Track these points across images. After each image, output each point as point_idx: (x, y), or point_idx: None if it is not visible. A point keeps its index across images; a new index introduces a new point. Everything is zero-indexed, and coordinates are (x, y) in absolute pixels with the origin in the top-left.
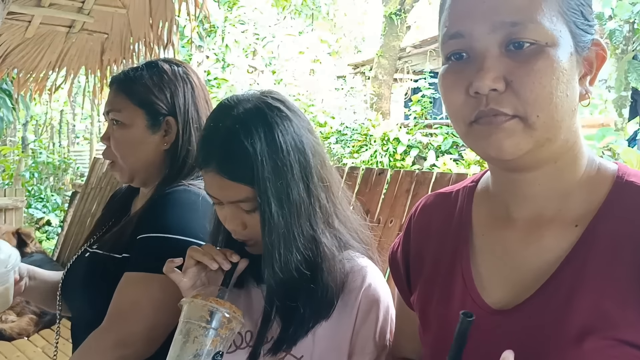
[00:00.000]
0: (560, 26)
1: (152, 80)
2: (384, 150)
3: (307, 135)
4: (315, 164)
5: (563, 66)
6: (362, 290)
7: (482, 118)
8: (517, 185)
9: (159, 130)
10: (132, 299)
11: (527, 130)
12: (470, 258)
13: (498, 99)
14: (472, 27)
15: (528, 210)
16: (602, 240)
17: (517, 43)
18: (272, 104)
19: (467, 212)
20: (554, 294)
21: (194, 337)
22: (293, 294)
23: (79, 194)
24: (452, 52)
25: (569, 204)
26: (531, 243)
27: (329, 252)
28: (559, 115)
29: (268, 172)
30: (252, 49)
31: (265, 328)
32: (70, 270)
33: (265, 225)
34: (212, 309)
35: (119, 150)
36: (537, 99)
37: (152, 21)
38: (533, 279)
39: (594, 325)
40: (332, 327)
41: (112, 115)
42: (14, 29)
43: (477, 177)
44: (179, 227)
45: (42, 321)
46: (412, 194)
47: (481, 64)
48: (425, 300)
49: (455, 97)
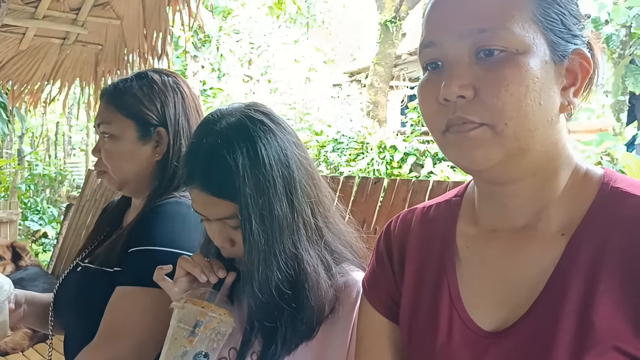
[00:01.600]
0: (534, 34)
1: (142, 91)
2: (380, 158)
3: (292, 149)
4: (300, 179)
5: (534, 74)
6: (357, 305)
7: (452, 127)
8: (499, 197)
9: (149, 142)
10: (123, 314)
11: (496, 139)
12: (456, 274)
13: (465, 106)
14: (444, 36)
15: (511, 223)
16: (587, 250)
17: (487, 50)
18: (255, 117)
19: (451, 226)
20: (543, 313)
21: (174, 339)
22: (274, 313)
23: (73, 206)
24: (427, 62)
25: (553, 213)
26: (516, 256)
27: (313, 270)
28: (530, 124)
29: (249, 188)
30: (247, 58)
31: (245, 348)
32: (62, 285)
33: (246, 242)
34: (190, 309)
35: (110, 162)
36: (504, 107)
37: (146, 32)
38: (521, 296)
39: (586, 344)
40: (328, 342)
41: (103, 127)
42: (8, 41)
43: (459, 192)
44: (170, 240)
45: (36, 335)
46: (409, 203)
47: (451, 71)
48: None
49: (428, 106)
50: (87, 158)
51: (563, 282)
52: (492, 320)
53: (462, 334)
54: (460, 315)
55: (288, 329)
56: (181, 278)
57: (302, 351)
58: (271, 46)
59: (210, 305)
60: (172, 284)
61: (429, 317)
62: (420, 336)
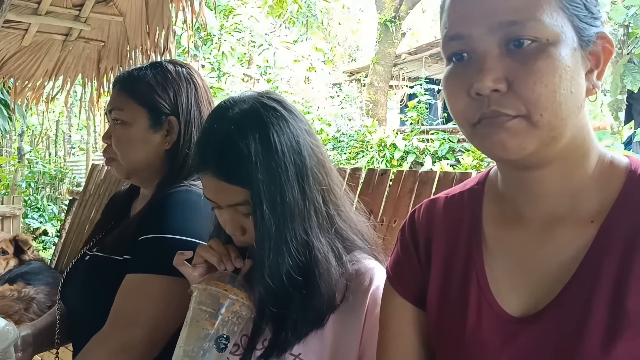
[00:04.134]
0: (562, 21)
1: (155, 80)
2: (380, 156)
3: (305, 137)
4: (312, 166)
5: (566, 63)
6: (370, 292)
7: (485, 119)
8: (527, 183)
9: (160, 130)
10: (135, 301)
11: (531, 129)
12: (484, 261)
13: (500, 100)
14: (471, 28)
15: (540, 209)
16: (619, 236)
17: (517, 41)
18: (267, 104)
19: (477, 214)
20: (574, 298)
21: (196, 321)
22: (284, 300)
23: (77, 201)
24: (452, 53)
25: (582, 200)
26: (546, 242)
27: (323, 257)
28: (564, 113)
29: (262, 174)
30: (247, 57)
31: (256, 335)
32: (70, 274)
33: (257, 228)
34: (212, 292)
35: (119, 148)
36: (540, 98)
37: (149, 29)
38: (551, 282)
39: (618, 328)
40: (340, 330)
41: (114, 114)
42: (10, 37)
43: (480, 179)
44: (181, 227)
45: None
46: (416, 194)
47: (481, 65)
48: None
49: (458, 100)
50: (88, 156)
51: (595, 267)
52: (521, 305)
53: (491, 320)
54: (488, 302)
55: (298, 317)
56: (199, 265)
57: (313, 339)
58: (272, 45)
59: (232, 289)
60: (191, 269)
61: (458, 304)
62: (448, 322)
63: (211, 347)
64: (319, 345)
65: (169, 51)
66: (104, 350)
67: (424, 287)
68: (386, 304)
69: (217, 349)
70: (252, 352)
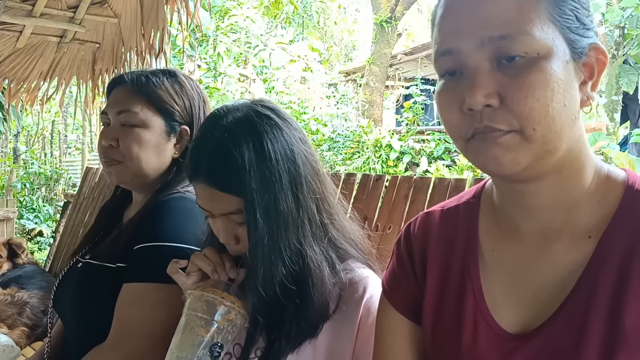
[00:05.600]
0: (553, 34)
1: (173, 88)
2: (376, 157)
3: (299, 145)
4: (306, 174)
5: (558, 76)
6: (364, 301)
7: (478, 134)
8: (521, 197)
9: (173, 138)
10: (136, 312)
11: (524, 144)
12: (480, 276)
13: (492, 115)
14: (461, 43)
15: (536, 223)
16: (616, 252)
17: (509, 56)
18: (261, 112)
19: (473, 228)
20: (572, 315)
21: (190, 327)
22: (277, 310)
23: (71, 204)
24: (445, 70)
25: (579, 214)
26: (543, 257)
27: (316, 267)
28: (557, 126)
29: (255, 182)
30: (243, 57)
31: (249, 344)
32: (63, 282)
33: (251, 237)
34: (208, 299)
35: (130, 151)
36: (532, 113)
37: (144, 30)
38: (548, 297)
39: (615, 346)
40: (333, 339)
41: (126, 116)
42: (5, 39)
43: (476, 192)
44: (177, 235)
45: (34, 334)
46: (411, 200)
47: (473, 80)
48: (434, 320)
49: (451, 115)
50: (84, 157)
51: (592, 283)
52: (518, 322)
53: (488, 336)
54: (485, 318)
55: (292, 326)
56: (193, 272)
57: (306, 349)
58: (268, 46)
59: (229, 296)
60: (185, 277)
61: (454, 319)
62: (444, 337)
63: (205, 355)
64: (311, 355)
65: (164, 53)
66: None
67: (419, 301)
68: (381, 317)
69: (211, 356)
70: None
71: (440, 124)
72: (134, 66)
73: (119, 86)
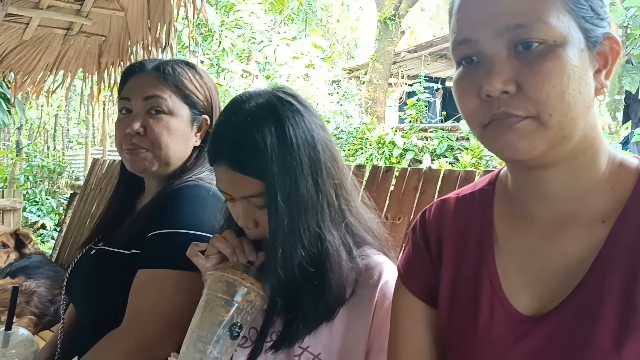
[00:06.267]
0: (568, 23)
1: (195, 79)
2: (379, 154)
3: (319, 131)
4: (325, 160)
5: (574, 64)
6: (379, 286)
7: (495, 121)
8: (536, 183)
9: (196, 127)
10: (151, 298)
11: (540, 130)
12: (496, 260)
13: (509, 101)
14: (479, 32)
15: (550, 208)
16: (630, 237)
17: (525, 43)
18: (283, 98)
19: (488, 214)
20: (587, 297)
21: (211, 307)
22: (296, 292)
23: (77, 196)
24: (462, 57)
25: (592, 200)
26: (557, 242)
27: (334, 251)
28: (573, 113)
29: (277, 166)
30: (246, 53)
31: (267, 326)
32: (75, 269)
33: (271, 220)
34: (229, 280)
35: (162, 138)
36: (548, 99)
37: (150, 24)
38: (563, 280)
39: (630, 326)
40: (349, 323)
41: (155, 101)
42: (11, 30)
43: (491, 180)
44: (191, 222)
45: (41, 322)
46: (420, 191)
47: (490, 67)
48: (450, 304)
49: (468, 102)
50: (87, 150)
51: (606, 267)
52: (533, 304)
53: (503, 318)
54: (500, 300)
55: (310, 309)
56: (212, 256)
57: (323, 332)
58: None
59: (249, 278)
60: (204, 260)
61: (470, 303)
62: (461, 320)
63: (225, 334)
64: (327, 338)
65: (170, 47)
66: (122, 348)
67: (435, 285)
68: (398, 301)
69: (231, 336)
70: (263, 343)
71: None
72: (140, 60)
73: (140, 73)
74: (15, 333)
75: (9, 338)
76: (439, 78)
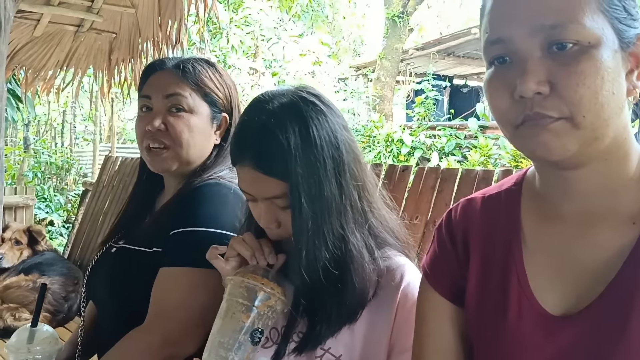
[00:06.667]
0: (602, 24)
1: (215, 77)
2: (387, 152)
3: (342, 132)
4: (349, 161)
5: (607, 65)
6: (401, 288)
7: (528, 121)
8: (565, 182)
9: (215, 125)
10: (174, 296)
11: (573, 131)
12: (524, 259)
13: (543, 102)
14: (512, 32)
15: (579, 207)
16: None
17: (560, 44)
18: (307, 98)
19: (515, 213)
20: (618, 296)
21: (231, 313)
22: (320, 294)
23: (89, 192)
24: (494, 57)
25: (622, 200)
26: (586, 241)
27: (358, 253)
28: (606, 114)
29: (301, 167)
30: (252, 50)
31: (291, 327)
32: (96, 268)
33: (295, 221)
34: (249, 285)
35: (183, 136)
36: (582, 100)
37: (161, 21)
38: (592, 280)
39: None
40: (370, 325)
41: (176, 99)
42: (22, 27)
43: (518, 180)
44: (214, 220)
45: (55, 319)
46: (438, 191)
47: (524, 67)
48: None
49: (500, 102)
50: (95, 147)
51: (637, 267)
52: (562, 304)
53: (532, 317)
54: (529, 299)
55: (333, 311)
56: (232, 258)
57: (344, 333)
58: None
59: (269, 282)
60: (224, 263)
61: (498, 302)
62: (489, 319)
63: (246, 340)
64: (349, 339)
65: (181, 44)
66: (145, 345)
67: (461, 284)
68: (423, 300)
69: (252, 342)
70: (286, 345)
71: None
72: (151, 57)
73: (161, 70)
74: (40, 330)
75: (35, 334)
76: (446, 76)
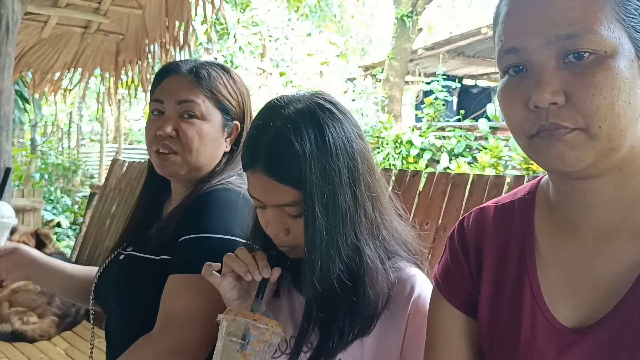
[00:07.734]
0: (619, 33)
1: (229, 84)
2: (396, 153)
3: (358, 141)
4: (364, 171)
5: (624, 75)
6: (412, 300)
7: (543, 132)
8: (580, 193)
9: (227, 133)
10: (181, 304)
11: (589, 142)
12: (537, 271)
13: (558, 112)
14: (527, 41)
15: (594, 219)
16: None
17: (577, 54)
18: (323, 105)
19: (528, 223)
20: (632, 310)
21: (227, 352)
22: (332, 306)
23: (97, 196)
24: (509, 66)
25: (638, 212)
26: (601, 253)
27: (372, 264)
28: (622, 124)
29: (315, 176)
30: (259, 51)
31: (302, 339)
32: (104, 275)
33: (308, 231)
34: (241, 323)
35: (194, 143)
36: (598, 111)
37: (168, 22)
38: (607, 293)
39: None
40: (380, 337)
41: (189, 106)
42: (30, 29)
43: (531, 189)
44: (223, 226)
45: (63, 323)
46: (448, 196)
47: (539, 77)
48: (491, 314)
49: (515, 112)
50: (102, 148)
51: None
52: (576, 316)
53: (546, 329)
54: (542, 312)
55: (346, 323)
56: (228, 274)
57: (355, 347)
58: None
59: (262, 318)
60: (220, 279)
61: (511, 313)
62: (502, 331)
63: None
64: (359, 351)
65: (188, 45)
66: (154, 353)
67: (473, 295)
68: (435, 311)
69: None
70: (298, 355)
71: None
72: (158, 58)
73: (174, 74)
74: None
75: None
76: (455, 76)
